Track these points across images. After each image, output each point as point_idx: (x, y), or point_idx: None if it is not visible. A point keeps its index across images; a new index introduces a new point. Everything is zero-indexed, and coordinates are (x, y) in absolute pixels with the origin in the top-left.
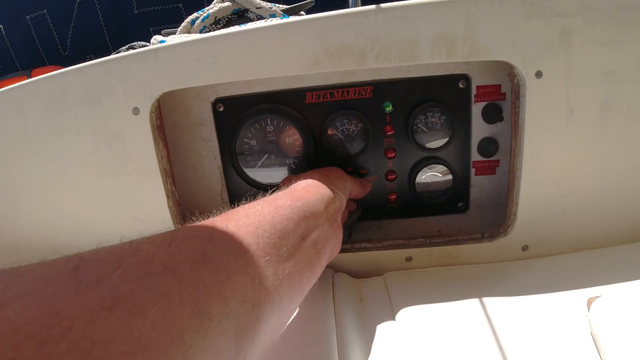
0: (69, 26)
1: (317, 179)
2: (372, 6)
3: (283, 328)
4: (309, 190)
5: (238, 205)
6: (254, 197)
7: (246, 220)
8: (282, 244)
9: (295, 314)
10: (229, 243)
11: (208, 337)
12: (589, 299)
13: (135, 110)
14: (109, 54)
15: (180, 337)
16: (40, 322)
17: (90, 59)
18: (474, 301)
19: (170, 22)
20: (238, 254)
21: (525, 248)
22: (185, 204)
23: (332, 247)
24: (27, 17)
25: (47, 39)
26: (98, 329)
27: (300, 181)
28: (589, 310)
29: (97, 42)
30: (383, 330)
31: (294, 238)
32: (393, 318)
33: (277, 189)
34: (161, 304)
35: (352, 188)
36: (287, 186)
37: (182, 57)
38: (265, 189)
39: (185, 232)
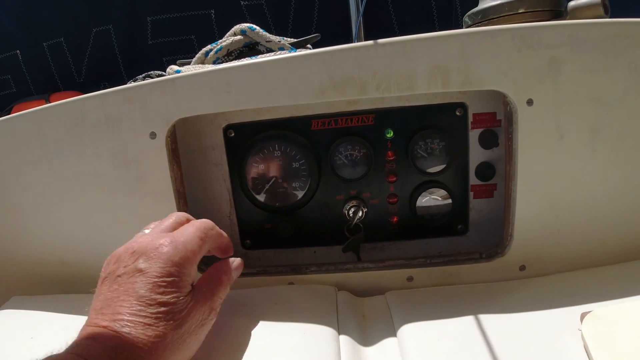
0: (84, 54)
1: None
2: (373, 41)
3: None
4: None
5: None
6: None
7: None
8: None
9: (300, 329)
10: None
11: None
12: (582, 313)
13: (152, 135)
14: (123, 82)
15: None
16: None
17: (105, 87)
18: (473, 318)
19: (183, 52)
20: None
21: (522, 268)
22: None
23: None
24: (44, 44)
25: (62, 65)
26: None
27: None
28: (582, 323)
29: (112, 70)
30: (384, 346)
31: None
32: (394, 335)
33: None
34: None
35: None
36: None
37: (198, 86)
38: (273, 211)
39: None
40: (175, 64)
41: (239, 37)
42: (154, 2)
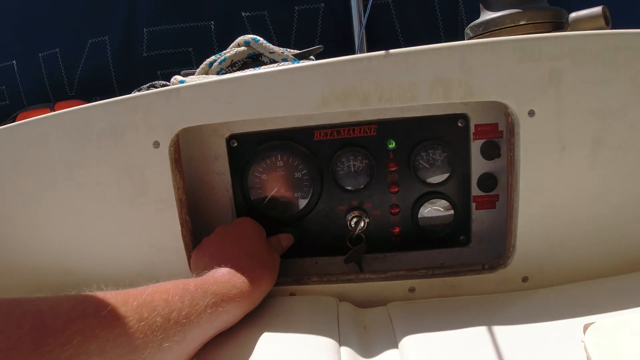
0: (78, 66)
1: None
2: (376, 52)
3: None
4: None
5: None
6: None
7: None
8: None
9: (301, 340)
10: None
11: None
12: (585, 324)
13: (156, 144)
14: (114, 96)
15: None
16: None
17: (95, 100)
18: (475, 329)
19: (179, 65)
20: None
21: (525, 279)
22: (198, 233)
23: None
24: (40, 54)
25: (55, 77)
26: None
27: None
28: (585, 335)
29: (104, 84)
30: (386, 358)
31: None
32: (396, 346)
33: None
34: None
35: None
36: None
37: (202, 96)
38: (274, 221)
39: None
40: (179, 74)
41: (242, 48)
42: (152, 12)
